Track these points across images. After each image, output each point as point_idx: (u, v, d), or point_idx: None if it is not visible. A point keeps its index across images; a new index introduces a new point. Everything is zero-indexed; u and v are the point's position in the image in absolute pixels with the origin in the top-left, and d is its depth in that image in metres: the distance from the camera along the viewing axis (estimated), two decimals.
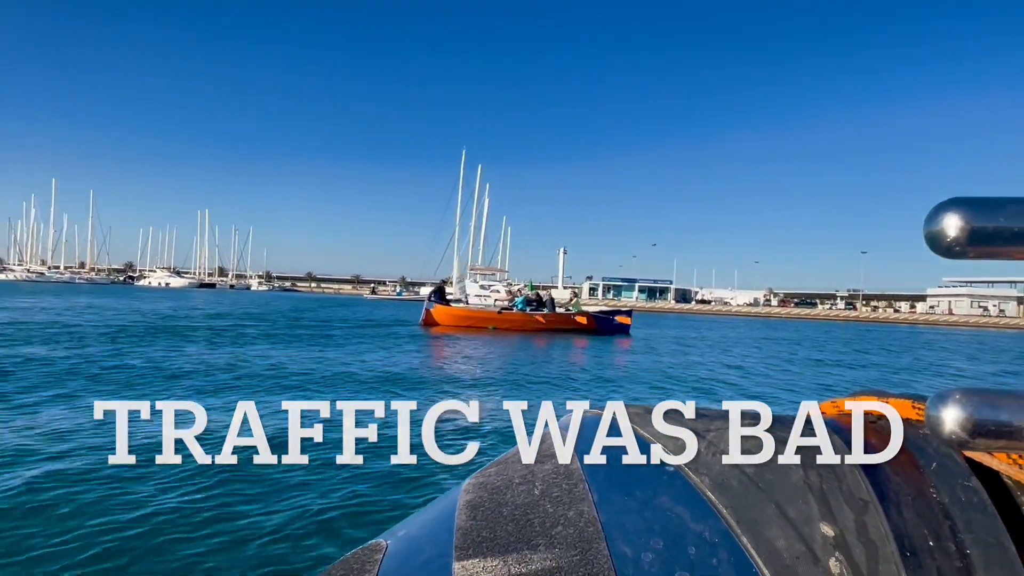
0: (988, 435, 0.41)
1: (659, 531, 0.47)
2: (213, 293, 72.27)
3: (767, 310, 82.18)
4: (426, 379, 9.54)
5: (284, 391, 7.50)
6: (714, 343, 22.19)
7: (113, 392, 7.42)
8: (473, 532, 0.49)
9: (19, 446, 4.71)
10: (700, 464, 0.54)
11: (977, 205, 0.39)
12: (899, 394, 0.61)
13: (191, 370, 8.85)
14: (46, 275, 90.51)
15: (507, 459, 0.61)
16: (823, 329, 42.13)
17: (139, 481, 3.90)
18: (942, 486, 0.50)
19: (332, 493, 3.92)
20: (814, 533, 0.47)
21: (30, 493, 3.74)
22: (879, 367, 15.75)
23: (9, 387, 7.05)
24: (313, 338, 15.79)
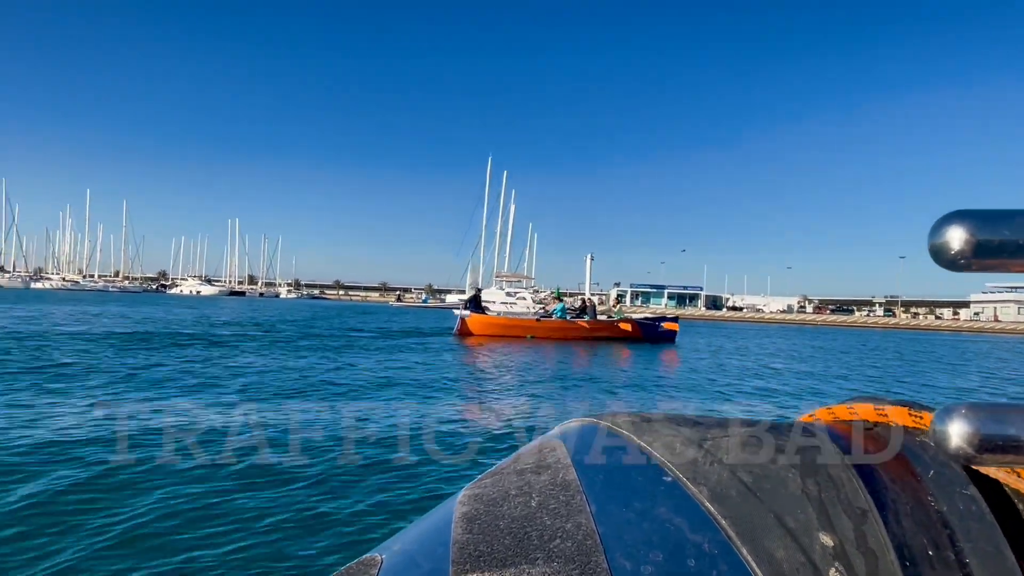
0: (995, 450, 0.41)
1: (658, 543, 0.47)
2: (242, 301, 72.93)
3: (801, 317, 79.74)
4: (460, 395, 8.73)
5: (310, 410, 6.82)
6: (764, 352, 20.88)
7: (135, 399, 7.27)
8: (470, 546, 0.48)
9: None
10: (698, 474, 0.53)
11: (981, 218, 0.39)
12: (895, 401, 0.60)
13: (210, 379, 8.25)
14: (80, 284, 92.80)
15: (502, 469, 0.59)
16: (862, 338, 40.35)
17: (139, 482, 4.06)
18: (940, 494, 0.50)
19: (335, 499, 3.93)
20: (813, 543, 0.46)
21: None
22: (964, 386, 13.75)
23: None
24: (339, 349, 14.99)
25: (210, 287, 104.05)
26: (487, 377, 10.93)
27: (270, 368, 10.49)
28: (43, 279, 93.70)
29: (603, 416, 0.64)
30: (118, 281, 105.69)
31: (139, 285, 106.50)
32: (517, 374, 11.36)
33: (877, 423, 0.61)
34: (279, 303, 69.22)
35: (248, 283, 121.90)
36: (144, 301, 48.33)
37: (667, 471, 0.54)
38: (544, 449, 0.61)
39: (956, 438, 0.41)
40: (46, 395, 7.20)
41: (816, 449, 0.55)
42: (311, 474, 4.47)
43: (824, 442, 0.56)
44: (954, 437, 0.41)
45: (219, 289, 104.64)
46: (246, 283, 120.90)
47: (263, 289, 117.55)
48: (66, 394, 7.25)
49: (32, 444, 5.00)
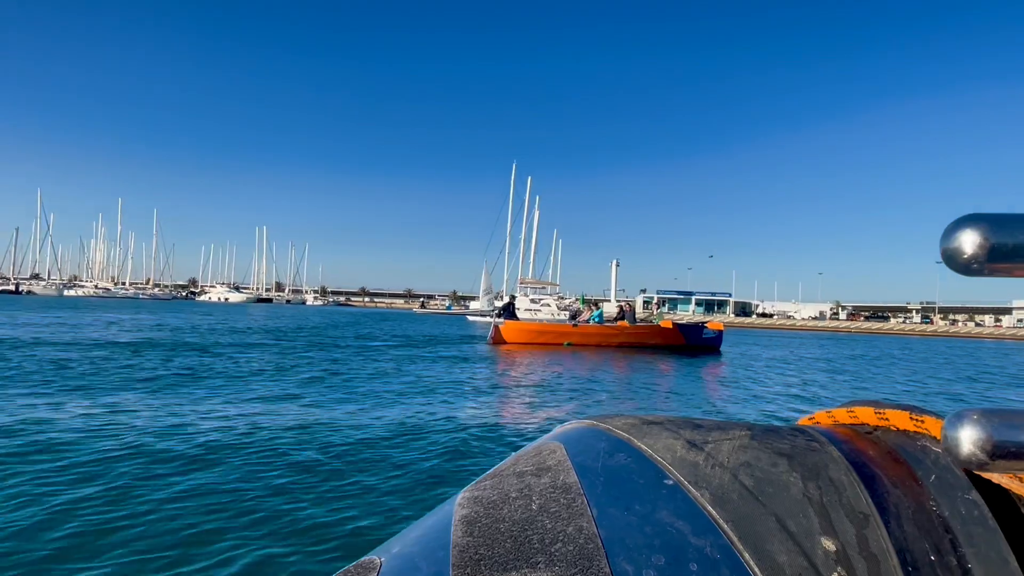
0: (1007, 456, 0.40)
1: (660, 547, 0.46)
2: (269, 308, 73.63)
3: (834, 324, 77.42)
4: (494, 405, 8.08)
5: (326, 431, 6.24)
6: (810, 360, 19.85)
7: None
8: (470, 549, 0.48)
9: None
10: (699, 477, 0.53)
11: (994, 221, 0.39)
12: (896, 404, 0.60)
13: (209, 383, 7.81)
14: (112, 291, 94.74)
15: (501, 471, 0.59)
16: (901, 345, 38.60)
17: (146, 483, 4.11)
18: (942, 499, 0.50)
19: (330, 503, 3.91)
20: (815, 547, 0.46)
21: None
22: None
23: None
24: (366, 358, 14.02)
25: (238, 294, 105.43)
26: (520, 388, 10.21)
27: (267, 374, 10.01)
28: (76, 287, 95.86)
29: (603, 419, 0.63)
30: (148, 288, 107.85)
31: (168, 292, 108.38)
32: (553, 384, 10.60)
33: (878, 427, 0.61)
34: (304, 310, 69.47)
35: (275, 290, 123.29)
36: (170, 308, 48.81)
37: (668, 474, 0.53)
38: (543, 451, 0.60)
39: (968, 444, 0.41)
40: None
41: (817, 452, 0.55)
42: (319, 475, 4.46)
43: (825, 445, 0.56)
44: (965, 443, 0.41)
45: (246, 296, 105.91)
46: (273, 290, 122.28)
47: (290, 296, 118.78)
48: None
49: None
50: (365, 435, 5.92)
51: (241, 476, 4.41)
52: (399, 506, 3.98)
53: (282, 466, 4.71)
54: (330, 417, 6.66)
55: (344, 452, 5.21)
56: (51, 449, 4.96)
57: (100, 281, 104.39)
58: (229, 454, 5.00)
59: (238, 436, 5.64)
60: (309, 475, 4.51)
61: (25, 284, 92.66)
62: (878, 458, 0.55)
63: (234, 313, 43.48)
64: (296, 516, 3.66)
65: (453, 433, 6.13)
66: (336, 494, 4.10)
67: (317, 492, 4.12)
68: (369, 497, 4.08)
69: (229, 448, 5.19)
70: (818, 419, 0.68)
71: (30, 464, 4.54)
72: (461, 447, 5.60)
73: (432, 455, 5.27)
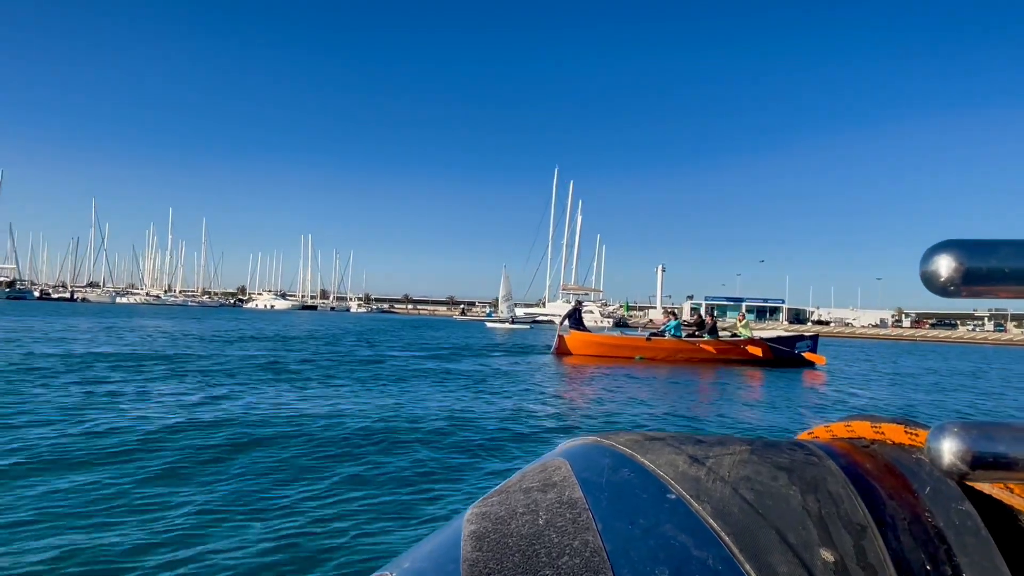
0: (987, 467, 0.42)
1: (664, 559, 0.47)
2: (314, 315, 74.06)
3: (897, 332, 72.95)
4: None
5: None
6: (907, 376, 17.36)
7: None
8: (480, 564, 0.49)
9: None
10: (701, 491, 0.54)
11: (970, 247, 0.41)
12: (891, 418, 0.62)
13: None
14: (162, 299, 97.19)
15: (508, 488, 0.60)
16: (980, 356, 35.37)
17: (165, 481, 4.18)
18: (937, 510, 0.51)
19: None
20: (815, 559, 0.47)
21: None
22: None
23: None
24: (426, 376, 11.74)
25: (283, 302, 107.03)
26: (591, 406, 8.85)
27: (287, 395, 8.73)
28: (128, 294, 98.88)
29: (606, 435, 0.65)
30: (198, 296, 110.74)
31: (216, 300, 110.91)
32: (627, 405, 9.09)
33: (874, 440, 0.62)
34: (345, 317, 69.51)
35: (320, 298, 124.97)
36: (216, 315, 49.19)
37: (671, 489, 0.55)
38: (548, 468, 0.61)
39: (949, 455, 0.43)
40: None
41: (815, 466, 0.56)
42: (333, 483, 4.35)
43: (823, 459, 0.57)
44: (947, 454, 0.43)
45: (292, 304, 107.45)
46: (318, 297, 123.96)
47: (334, 303, 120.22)
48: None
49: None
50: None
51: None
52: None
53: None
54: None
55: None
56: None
57: (152, 289, 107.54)
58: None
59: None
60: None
61: (80, 292, 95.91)
62: (875, 471, 0.56)
63: (278, 320, 43.19)
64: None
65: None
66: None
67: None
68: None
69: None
70: (817, 434, 0.69)
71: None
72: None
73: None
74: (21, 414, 6.16)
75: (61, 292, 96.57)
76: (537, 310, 73.68)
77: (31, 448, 4.83)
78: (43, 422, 5.81)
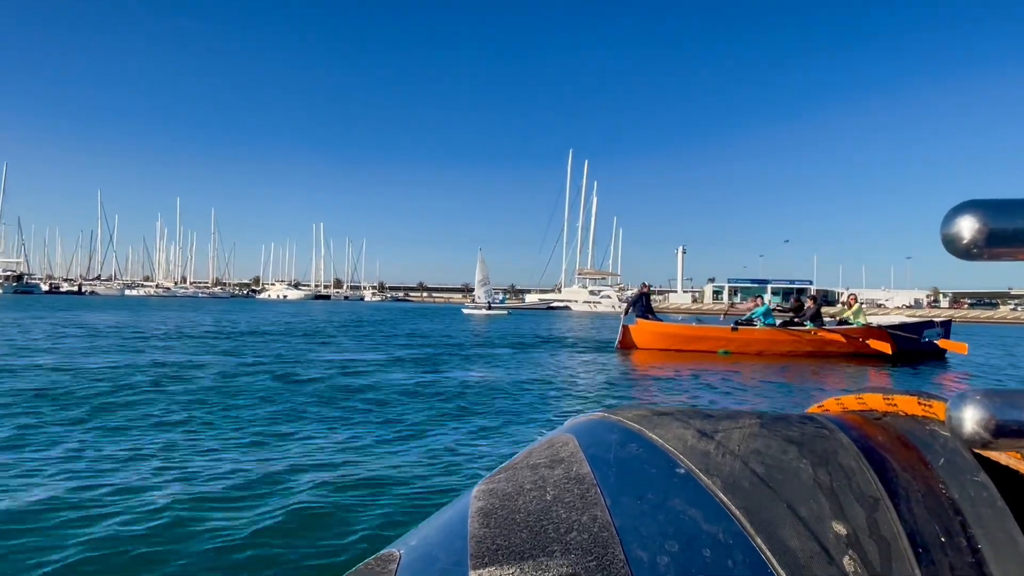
0: (1009, 435, 0.41)
1: (673, 534, 0.47)
2: (327, 304, 72.31)
3: (935, 312, 69.00)
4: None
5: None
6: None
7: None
8: (488, 540, 0.49)
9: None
10: (710, 465, 0.54)
11: (994, 207, 0.39)
12: (904, 391, 0.62)
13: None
14: (172, 290, 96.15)
15: (515, 464, 0.61)
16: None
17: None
18: (951, 482, 0.51)
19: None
20: (827, 532, 0.47)
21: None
22: None
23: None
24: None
25: (296, 291, 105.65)
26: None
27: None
28: (138, 287, 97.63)
29: (613, 411, 0.65)
30: (209, 287, 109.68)
31: (228, 291, 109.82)
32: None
33: (887, 413, 0.62)
34: (359, 306, 67.60)
35: (334, 287, 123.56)
36: (222, 306, 47.44)
37: (679, 463, 0.54)
38: (556, 444, 0.62)
39: (971, 423, 0.41)
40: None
41: (827, 439, 0.56)
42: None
43: (834, 432, 0.57)
44: (968, 422, 0.42)
45: (305, 293, 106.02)
46: (332, 287, 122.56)
47: (348, 292, 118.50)
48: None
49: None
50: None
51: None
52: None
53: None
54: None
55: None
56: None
57: (163, 281, 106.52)
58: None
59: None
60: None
61: (88, 285, 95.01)
62: (887, 443, 0.56)
63: (283, 310, 41.16)
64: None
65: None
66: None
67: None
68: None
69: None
70: (827, 407, 0.69)
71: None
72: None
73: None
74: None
75: (69, 286, 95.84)
76: (553, 296, 71.35)
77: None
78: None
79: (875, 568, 0.45)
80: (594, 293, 70.64)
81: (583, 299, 69.29)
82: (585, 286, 73.19)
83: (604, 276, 78.09)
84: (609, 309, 65.25)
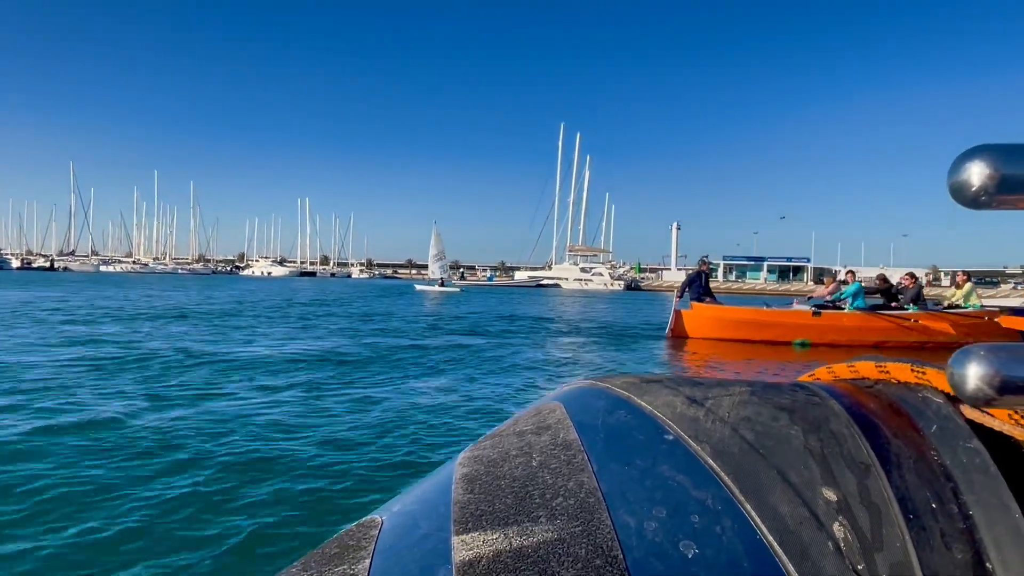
0: (1014, 391, 0.40)
1: (661, 500, 0.47)
2: (309, 281, 69.65)
3: (937, 291, 67.16)
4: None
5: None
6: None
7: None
8: (471, 506, 0.49)
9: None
10: (700, 431, 0.53)
11: (1004, 152, 0.38)
12: (896, 359, 0.62)
13: None
14: (150, 266, 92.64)
15: (501, 432, 0.61)
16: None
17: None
18: (943, 448, 0.51)
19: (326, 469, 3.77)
20: (817, 498, 0.47)
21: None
22: None
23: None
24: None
25: (281, 268, 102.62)
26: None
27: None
28: (115, 263, 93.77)
29: (602, 379, 0.65)
30: (189, 263, 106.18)
31: (209, 267, 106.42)
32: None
33: (879, 380, 0.62)
34: (345, 283, 65.05)
35: (321, 263, 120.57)
36: (194, 284, 44.83)
37: (668, 429, 0.54)
38: (543, 411, 0.61)
39: (975, 380, 0.41)
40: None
41: (818, 406, 0.56)
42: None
43: (826, 400, 0.57)
44: (972, 379, 0.41)
45: (289, 270, 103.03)
46: (319, 264, 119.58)
47: (335, 269, 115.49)
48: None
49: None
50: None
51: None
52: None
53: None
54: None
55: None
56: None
57: (140, 257, 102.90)
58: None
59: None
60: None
61: (61, 261, 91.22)
62: (879, 410, 0.56)
63: (241, 287, 38.58)
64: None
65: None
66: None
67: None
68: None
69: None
70: (819, 375, 0.69)
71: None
72: None
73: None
74: None
75: (43, 262, 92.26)
76: (543, 273, 68.93)
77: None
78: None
79: (865, 534, 0.45)
80: (585, 270, 68.23)
81: (574, 276, 66.92)
82: (576, 263, 70.77)
83: (596, 253, 75.68)
84: (600, 287, 62.93)
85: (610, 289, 61.36)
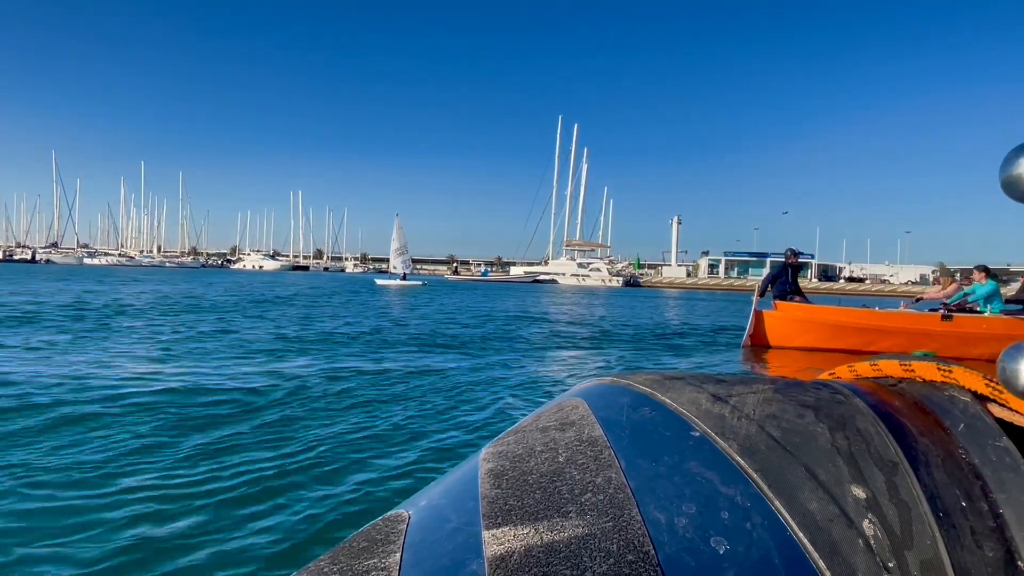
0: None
1: (690, 496, 0.47)
2: (299, 275, 67.51)
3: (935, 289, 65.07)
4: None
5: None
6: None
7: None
8: (500, 500, 0.49)
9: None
10: (726, 428, 0.53)
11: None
12: (921, 357, 0.62)
13: None
14: (136, 259, 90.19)
15: (523, 427, 0.60)
16: None
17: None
18: (972, 447, 0.51)
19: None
20: (846, 495, 0.47)
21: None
22: None
23: None
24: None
25: (273, 262, 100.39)
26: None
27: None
28: (100, 255, 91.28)
29: (623, 376, 0.65)
30: (176, 256, 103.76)
31: (198, 260, 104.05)
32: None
33: (903, 379, 0.62)
34: (340, 278, 62.73)
35: (315, 257, 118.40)
36: (178, 278, 42.45)
37: (694, 426, 0.54)
38: (565, 407, 0.61)
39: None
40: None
41: (843, 404, 0.56)
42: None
43: (850, 398, 0.57)
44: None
45: (281, 264, 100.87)
46: (312, 257, 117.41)
47: (328, 263, 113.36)
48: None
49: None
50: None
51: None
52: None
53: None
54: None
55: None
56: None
57: (126, 249, 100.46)
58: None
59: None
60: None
61: (43, 253, 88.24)
62: (904, 409, 0.56)
63: (223, 283, 36.42)
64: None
65: None
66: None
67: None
68: None
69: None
70: (839, 374, 0.69)
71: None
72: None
73: None
74: None
75: (23, 254, 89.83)
76: (539, 268, 66.85)
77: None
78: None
79: (895, 531, 0.45)
80: (583, 266, 66.18)
81: (571, 272, 64.90)
82: (573, 258, 68.72)
83: (593, 248, 73.57)
84: (598, 283, 60.98)
85: (608, 285, 59.43)
